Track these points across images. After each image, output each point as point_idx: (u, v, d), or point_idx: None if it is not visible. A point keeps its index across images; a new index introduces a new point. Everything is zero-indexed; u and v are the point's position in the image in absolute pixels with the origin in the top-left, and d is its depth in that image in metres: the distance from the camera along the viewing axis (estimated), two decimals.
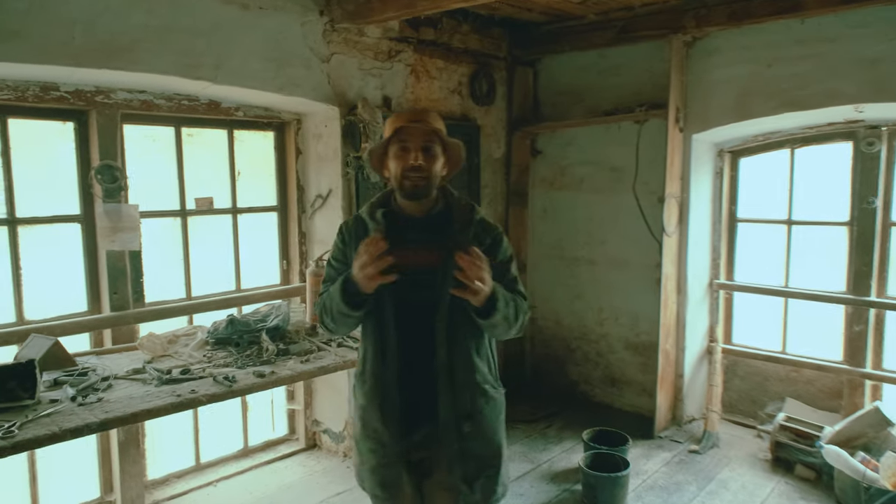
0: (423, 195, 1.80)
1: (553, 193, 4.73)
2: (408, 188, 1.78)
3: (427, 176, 1.77)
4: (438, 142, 1.81)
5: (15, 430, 1.91)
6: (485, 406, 1.84)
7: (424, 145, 1.77)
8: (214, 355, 2.77)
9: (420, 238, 1.81)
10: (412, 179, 1.76)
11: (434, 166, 1.79)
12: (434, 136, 1.80)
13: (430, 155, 1.78)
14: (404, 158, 1.77)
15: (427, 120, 1.80)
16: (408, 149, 1.77)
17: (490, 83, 4.36)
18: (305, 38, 3.28)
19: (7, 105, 2.67)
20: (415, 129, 1.77)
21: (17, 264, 2.80)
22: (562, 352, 4.82)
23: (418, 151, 1.76)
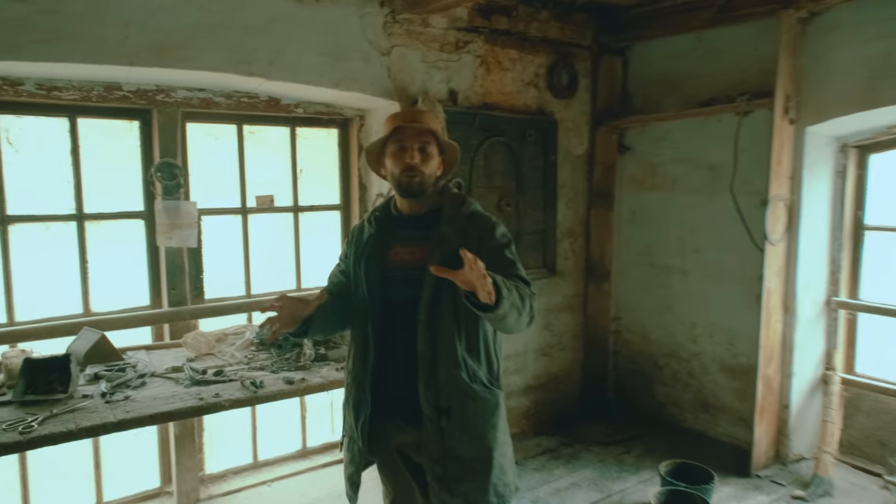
0: (418, 193, 1.85)
1: (643, 194, 4.29)
2: (404, 185, 1.83)
3: (421, 175, 1.82)
4: (434, 142, 1.86)
5: (34, 426, 1.92)
6: (470, 403, 1.78)
7: (420, 145, 1.82)
8: (256, 356, 2.72)
9: (411, 235, 1.87)
10: (408, 178, 1.82)
11: (429, 166, 1.84)
12: (430, 137, 1.85)
13: (426, 155, 1.83)
14: (401, 157, 1.82)
15: (424, 120, 1.86)
16: (405, 148, 1.82)
17: (571, 74, 4.02)
18: (364, 30, 3.16)
19: (75, 105, 2.78)
20: (411, 129, 1.82)
21: (84, 258, 2.92)
22: (649, 369, 4.37)
23: (414, 151, 1.81)
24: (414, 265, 1.81)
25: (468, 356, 1.79)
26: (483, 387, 1.81)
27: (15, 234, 2.75)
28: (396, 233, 1.89)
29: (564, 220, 4.15)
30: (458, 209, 1.87)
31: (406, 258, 1.85)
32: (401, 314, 1.81)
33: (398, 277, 1.84)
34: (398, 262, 1.85)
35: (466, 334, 1.80)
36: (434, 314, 1.77)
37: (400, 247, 1.87)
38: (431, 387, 1.77)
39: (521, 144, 3.81)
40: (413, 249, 1.85)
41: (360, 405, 1.86)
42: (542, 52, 3.89)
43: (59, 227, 2.86)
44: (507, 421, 1.96)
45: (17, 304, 2.78)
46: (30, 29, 2.36)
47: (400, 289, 1.83)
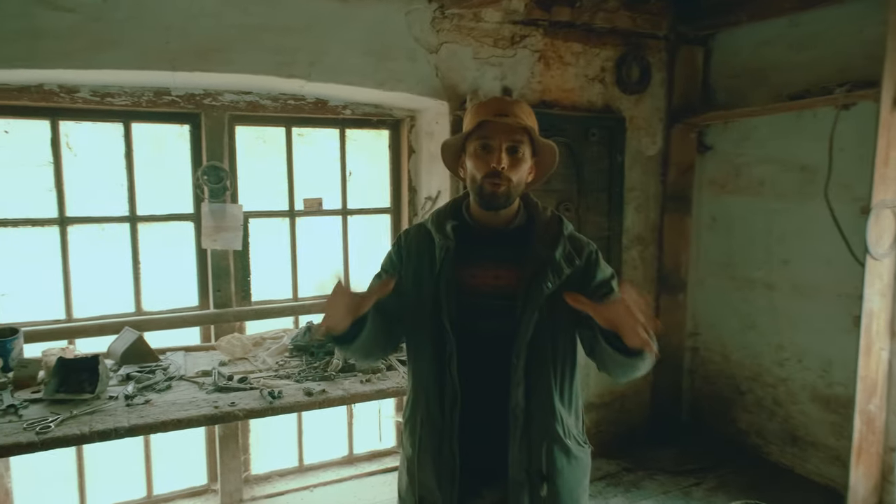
0: (503, 205, 1.50)
1: (724, 198, 3.87)
2: (486, 195, 1.48)
3: (509, 183, 1.47)
4: (528, 142, 1.50)
5: (51, 426, 1.96)
6: (566, 466, 1.51)
7: (510, 145, 1.47)
8: (287, 363, 2.67)
9: (495, 255, 1.54)
10: (493, 185, 1.47)
11: (519, 171, 1.49)
12: (524, 135, 1.49)
13: (517, 158, 1.48)
14: (485, 159, 1.47)
15: (516, 114, 1.48)
16: (490, 148, 1.47)
17: (643, 67, 3.68)
18: (410, 27, 3.04)
19: (127, 110, 2.87)
20: (501, 124, 1.46)
21: (137, 259, 3.01)
22: (729, 393, 3.94)
23: (502, 152, 1.46)
24: (502, 292, 1.50)
25: (562, 406, 1.51)
26: (577, 444, 1.55)
27: (73, 235, 2.88)
28: (472, 249, 1.54)
29: (633, 226, 3.82)
30: (555, 227, 1.55)
31: (491, 282, 1.52)
32: (481, 353, 1.49)
33: (479, 306, 1.51)
34: (479, 287, 1.51)
35: (562, 381, 1.52)
36: (532, 357, 1.47)
37: (480, 267, 1.53)
38: (524, 448, 1.47)
39: (582, 145, 3.54)
40: (500, 272, 1.52)
41: (445, 467, 1.50)
42: (609, 44, 3.59)
43: (114, 229, 2.96)
44: None
45: (75, 302, 2.91)
46: (77, 37, 2.44)
47: (480, 321, 1.51)
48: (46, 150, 2.79)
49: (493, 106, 1.50)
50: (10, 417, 2.03)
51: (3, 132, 2.75)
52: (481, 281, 1.52)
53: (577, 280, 1.51)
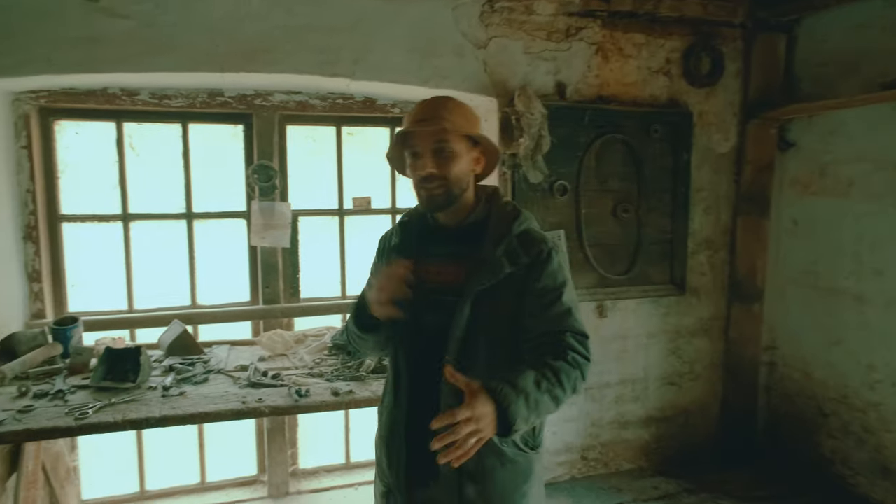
0: (445, 204, 1.51)
1: (807, 200, 3.50)
2: (424, 199, 1.52)
3: (444, 183, 1.48)
4: (458, 136, 1.49)
5: (89, 413, 2.05)
6: (498, 469, 1.49)
7: (436, 147, 1.47)
8: (324, 361, 2.68)
9: (444, 252, 1.56)
10: (427, 189, 1.49)
11: (452, 168, 1.48)
12: (446, 134, 1.47)
13: (445, 157, 1.48)
14: (415, 166, 1.51)
15: (439, 115, 1.47)
16: (418, 154, 1.50)
17: (715, 58, 3.40)
18: (457, 22, 2.96)
19: (184, 112, 2.98)
20: (421, 131, 1.48)
21: (192, 254, 3.13)
22: (810, 414, 3.57)
23: (427, 157, 1.48)
24: (447, 287, 1.51)
25: None
26: (516, 448, 1.51)
27: (135, 231, 3.04)
28: (429, 247, 1.58)
29: (701, 228, 3.54)
30: (509, 225, 1.51)
31: (434, 278, 1.54)
32: (429, 346, 1.50)
33: (426, 301, 1.52)
34: (426, 283, 1.53)
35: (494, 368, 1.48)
36: (466, 353, 1.46)
37: (431, 263, 1.55)
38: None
39: (643, 141, 3.32)
40: (446, 269, 1.54)
41: (396, 454, 1.57)
42: (676, 34, 3.35)
43: (171, 225, 3.10)
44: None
45: (136, 294, 3.07)
46: (133, 42, 2.56)
47: (430, 314, 1.52)
48: (112, 149, 2.96)
49: (415, 113, 1.51)
50: (56, 402, 2.15)
51: (74, 133, 2.94)
52: (428, 277, 1.54)
53: (519, 280, 1.47)
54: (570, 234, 3.24)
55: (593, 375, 3.46)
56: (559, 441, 3.44)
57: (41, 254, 2.85)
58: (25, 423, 1.98)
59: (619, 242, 3.36)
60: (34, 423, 1.98)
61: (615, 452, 3.59)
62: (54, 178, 2.90)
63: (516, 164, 3.05)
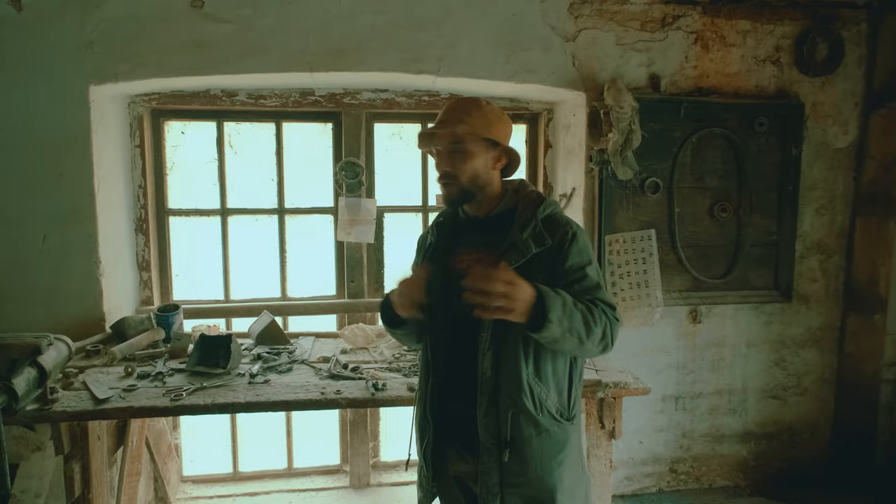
0: (459, 200, 1.68)
1: None
2: (443, 195, 1.70)
3: (456, 181, 1.63)
4: (472, 138, 1.61)
5: (183, 395, 2.18)
6: (534, 436, 1.60)
7: (452, 147, 1.62)
8: (403, 356, 2.70)
9: (475, 241, 1.70)
10: (445, 186, 1.67)
11: (467, 167, 1.63)
12: (461, 135, 1.60)
13: (460, 156, 1.62)
14: (436, 165, 1.68)
15: (453, 120, 1.61)
16: (434, 154, 1.69)
17: (832, 43, 3.09)
18: (545, 15, 2.88)
19: (278, 111, 3.11)
20: (437, 135, 1.64)
21: (283, 248, 3.27)
22: None
23: (444, 156, 1.64)
24: None
25: (536, 382, 1.61)
26: (551, 418, 1.62)
27: (232, 225, 3.21)
28: (462, 237, 1.73)
29: (812, 230, 3.24)
30: (533, 211, 1.65)
31: (467, 265, 1.65)
32: (464, 330, 1.63)
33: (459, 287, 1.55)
34: (460, 270, 1.64)
35: (535, 356, 1.61)
36: (498, 331, 1.59)
37: (465, 253, 1.69)
38: (491, 414, 1.61)
39: (746, 136, 3.08)
40: (479, 256, 1.66)
41: (424, 428, 1.75)
42: (787, 18, 3.08)
43: (265, 220, 3.24)
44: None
45: (232, 285, 3.24)
46: (233, 45, 2.70)
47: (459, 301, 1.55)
48: (212, 148, 3.14)
49: (439, 115, 1.67)
50: (156, 383, 2.30)
51: (180, 133, 3.15)
52: (462, 265, 1.66)
53: (548, 261, 1.59)
54: (662, 235, 3.06)
55: (685, 384, 3.27)
56: (646, 451, 3.28)
57: (150, 245, 3.07)
58: (129, 401, 2.14)
59: (716, 244, 3.14)
60: (136, 401, 2.13)
61: (708, 467, 3.37)
62: (163, 175, 3.12)
63: (604, 160, 2.92)
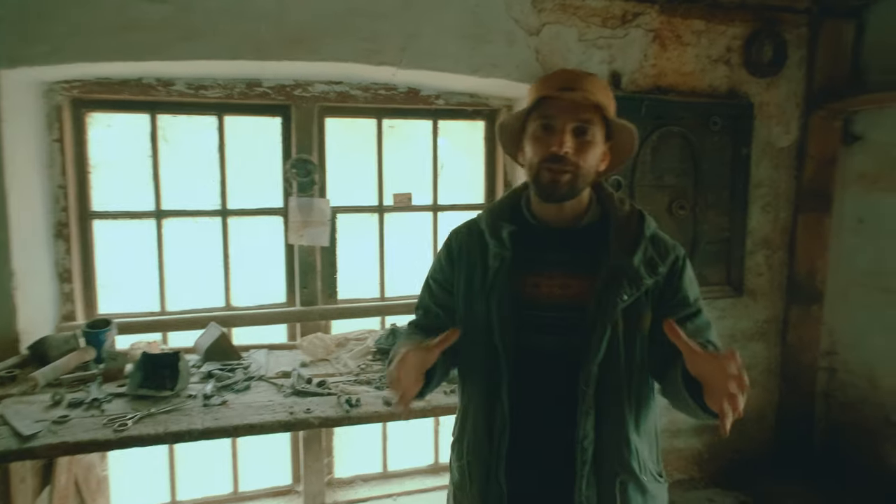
0: (566, 196, 1.28)
1: (875, 196, 3.29)
2: (545, 184, 1.27)
3: (575, 170, 1.25)
4: (600, 122, 1.26)
5: (129, 423, 1.91)
6: (634, 498, 1.30)
7: (577, 125, 1.24)
8: (369, 367, 2.52)
9: (562, 260, 1.31)
10: (552, 172, 1.25)
11: (587, 157, 1.26)
12: (594, 114, 1.25)
13: (585, 140, 1.25)
14: (545, 142, 1.25)
15: (586, 88, 1.23)
16: (552, 129, 1.25)
17: (777, 45, 3.20)
18: (509, 8, 2.79)
19: (220, 103, 2.84)
20: (566, 101, 1.23)
21: (227, 253, 2.99)
22: (876, 424, 3.36)
23: (566, 134, 1.23)
24: (569, 304, 1.29)
25: (637, 437, 1.30)
26: (654, 479, 1.34)
27: (168, 228, 2.90)
28: (535, 253, 1.32)
29: (759, 227, 3.34)
30: (635, 226, 1.31)
31: (557, 292, 1.30)
32: (540, 372, 1.29)
33: (541, 320, 1.29)
34: (542, 298, 1.30)
35: (637, 408, 1.30)
36: (603, 381, 1.26)
37: (543, 275, 1.31)
38: (592, 485, 1.28)
39: (702, 135, 3.13)
40: (568, 280, 1.30)
41: (491, 497, 1.33)
42: (738, 20, 3.15)
43: (205, 223, 2.95)
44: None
45: (168, 295, 2.93)
46: (170, 28, 2.41)
47: (540, 338, 1.29)
48: (145, 143, 2.82)
49: (558, 79, 1.26)
50: (93, 412, 2.01)
51: (106, 126, 2.80)
52: (545, 291, 1.30)
53: (656, 292, 1.29)
54: None
55: None
56: None
57: (72, 252, 2.71)
58: (62, 435, 1.84)
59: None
60: (71, 435, 1.84)
61: (666, 461, 3.38)
62: (85, 174, 2.77)
63: None
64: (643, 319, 1.27)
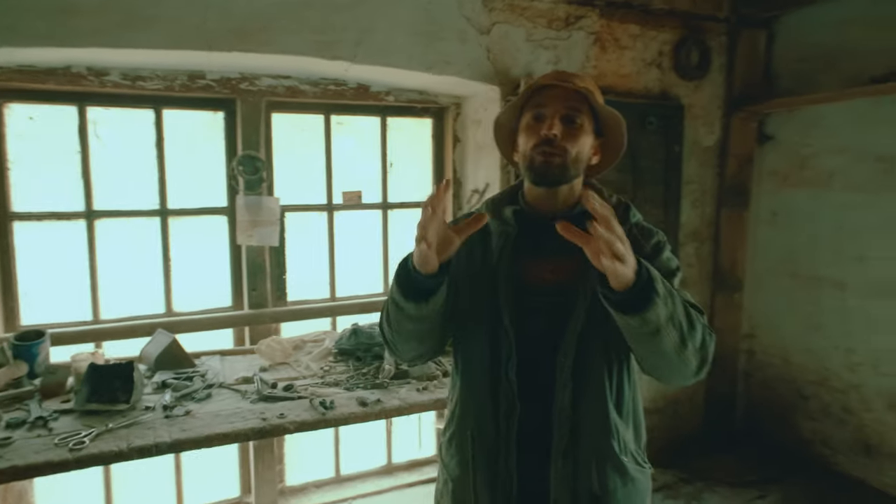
0: (558, 178, 1.29)
1: (787, 192, 3.61)
2: (537, 166, 1.28)
3: (564, 154, 1.27)
4: (588, 113, 1.31)
5: (86, 441, 1.75)
6: (620, 489, 1.28)
7: (566, 113, 1.28)
8: (333, 368, 2.46)
9: (553, 245, 1.26)
10: (544, 154, 1.27)
11: (577, 143, 1.29)
12: (582, 104, 1.29)
13: (574, 128, 1.28)
14: (536, 129, 1.29)
15: (574, 81, 1.29)
16: (543, 117, 1.29)
17: (702, 52, 3.44)
18: (461, 6, 2.81)
19: (159, 96, 2.66)
20: (556, 91, 1.29)
21: (168, 255, 2.81)
22: (790, 398, 3.69)
23: (555, 119, 1.27)
24: (559, 287, 1.31)
25: (618, 416, 1.30)
26: (635, 463, 1.33)
27: (101, 230, 2.68)
28: (528, 240, 1.35)
29: (689, 221, 3.57)
30: (624, 215, 1.38)
31: (548, 276, 1.32)
32: (537, 356, 1.29)
33: (535, 303, 1.32)
34: (535, 282, 1.33)
35: (618, 385, 1.30)
36: (582, 356, 1.26)
37: (537, 260, 1.33)
38: (569, 462, 1.27)
39: (639, 134, 3.30)
40: (556, 266, 1.32)
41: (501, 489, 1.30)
42: (668, 26, 3.35)
43: (143, 223, 2.76)
44: None
45: (102, 302, 2.71)
46: (109, 13, 2.24)
47: (530, 320, 1.31)
48: (73, 138, 2.59)
49: (550, 76, 1.33)
50: (39, 431, 1.82)
51: (28, 118, 2.55)
52: (536, 275, 1.33)
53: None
54: None
55: None
56: None
57: None
58: (9, 459, 1.66)
59: None
60: (20, 458, 1.66)
61: None
62: (4, 171, 2.50)
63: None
64: None
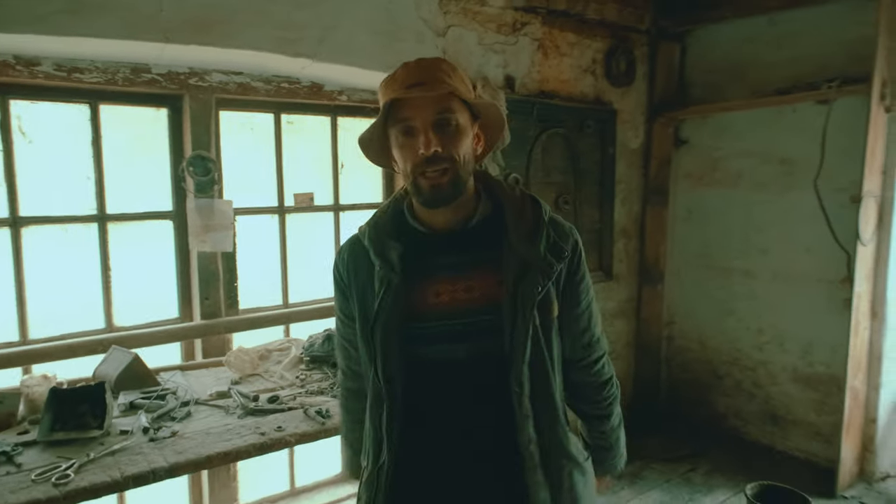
0: (453, 195, 1.16)
1: (701, 191, 3.98)
2: (427, 192, 1.15)
3: (452, 164, 1.14)
4: (459, 103, 1.15)
5: (70, 474, 1.57)
6: (583, 487, 1.28)
7: (438, 119, 1.13)
8: (309, 377, 2.38)
9: (460, 262, 1.20)
10: (430, 178, 1.14)
11: (460, 147, 1.14)
12: (451, 100, 1.13)
13: (450, 132, 1.14)
14: (411, 147, 1.14)
15: (434, 78, 1.12)
16: (413, 131, 1.14)
17: (629, 61, 3.70)
18: (418, 7, 2.82)
19: (97, 90, 2.42)
20: (417, 98, 1.12)
21: (107, 265, 2.56)
22: (706, 378, 4.07)
23: (428, 132, 1.12)
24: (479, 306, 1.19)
25: (567, 424, 1.27)
26: (584, 456, 1.32)
27: (28, 238, 2.39)
28: (430, 260, 1.21)
29: (620, 218, 3.83)
30: (531, 212, 1.23)
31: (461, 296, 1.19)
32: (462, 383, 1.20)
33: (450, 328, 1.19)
34: (444, 307, 1.19)
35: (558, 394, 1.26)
36: (534, 378, 1.18)
37: (443, 282, 1.20)
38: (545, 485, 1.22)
39: (578, 136, 3.49)
40: (472, 282, 1.19)
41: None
42: (599, 36, 3.57)
43: (79, 230, 2.49)
44: None
45: (31, 320, 2.41)
46: None
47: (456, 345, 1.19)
48: None
49: (402, 77, 1.14)
50: (6, 468, 1.60)
51: None
52: (447, 299, 1.19)
53: (563, 276, 1.23)
54: None
55: None
56: None
57: None
58: None
59: None
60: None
61: None
62: None
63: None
64: (553, 307, 1.21)
